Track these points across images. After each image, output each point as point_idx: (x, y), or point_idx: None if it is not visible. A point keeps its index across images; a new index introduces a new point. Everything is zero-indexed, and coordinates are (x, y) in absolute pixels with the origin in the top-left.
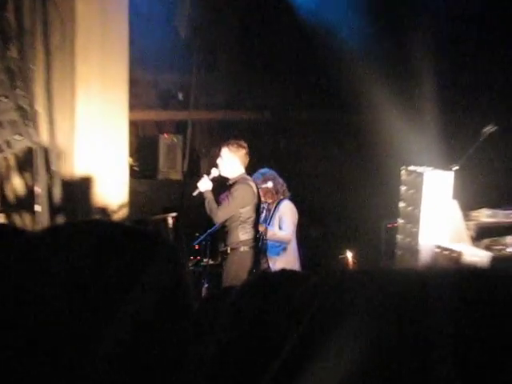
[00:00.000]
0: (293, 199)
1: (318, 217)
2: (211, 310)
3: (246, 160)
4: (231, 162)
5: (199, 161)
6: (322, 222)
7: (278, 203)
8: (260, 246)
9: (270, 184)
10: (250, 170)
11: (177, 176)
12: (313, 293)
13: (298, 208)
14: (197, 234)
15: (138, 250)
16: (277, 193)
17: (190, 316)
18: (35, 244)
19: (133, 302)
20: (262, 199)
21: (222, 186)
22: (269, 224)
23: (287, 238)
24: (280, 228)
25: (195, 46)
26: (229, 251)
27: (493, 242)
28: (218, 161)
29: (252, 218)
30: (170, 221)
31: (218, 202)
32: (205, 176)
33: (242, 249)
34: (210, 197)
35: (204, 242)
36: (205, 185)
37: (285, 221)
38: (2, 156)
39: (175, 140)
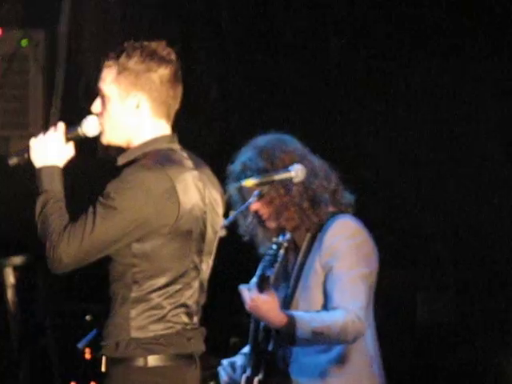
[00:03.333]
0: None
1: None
2: None
3: (174, 105)
4: (118, 108)
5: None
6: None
7: (321, 228)
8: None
9: (291, 172)
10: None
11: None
12: None
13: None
14: (87, 318)
15: None
16: (316, 200)
17: None
18: None
19: None
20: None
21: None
22: (290, 289)
23: (354, 329)
24: (327, 299)
25: None
26: (103, 367)
27: None
28: (95, 104)
29: (184, 275)
30: (11, 278)
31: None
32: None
33: (136, 362)
34: (55, 186)
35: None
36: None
37: (343, 277)
38: None
39: (24, 44)
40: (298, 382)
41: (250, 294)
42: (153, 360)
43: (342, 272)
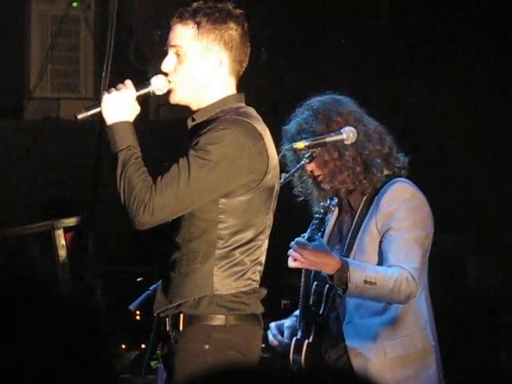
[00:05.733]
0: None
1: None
2: None
3: (245, 64)
4: (200, 65)
5: (145, 64)
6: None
7: (377, 192)
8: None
9: (343, 135)
10: None
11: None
12: None
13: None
14: (138, 279)
15: None
16: (369, 164)
17: None
18: None
19: None
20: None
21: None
22: (345, 251)
23: (408, 287)
24: (383, 260)
25: None
26: (181, 325)
27: None
28: (167, 62)
29: (263, 232)
30: (62, 239)
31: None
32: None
33: (217, 321)
34: (133, 141)
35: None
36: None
37: (399, 238)
38: None
39: (75, 6)
40: (350, 345)
41: (299, 245)
42: (232, 319)
43: (399, 234)
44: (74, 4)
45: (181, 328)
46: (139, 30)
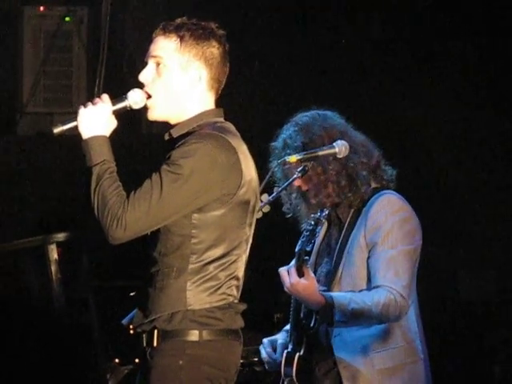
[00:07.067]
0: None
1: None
2: None
3: (223, 82)
4: (179, 78)
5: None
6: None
7: (365, 204)
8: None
9: (335, 148)
10: None
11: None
12: None
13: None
14: (131, 294)
15: None
16: (354, 177)
17: None
18: None
19: None
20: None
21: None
22: (333, 264)
23: (397, 308)
24: (371, 277)
25: None
26: (155, 341)
27: None
28: (145, 72)
29: (238, 246)
30: (54, 254)
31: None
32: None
33: (191, 336)
34: (108, 156)
35: None
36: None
37: (387, 255)
38: None
39: (68, 20)
40: (340, 358)
41: (289, 278)
42: (207, 334)
43: (386, 250)
44: (67, 18)
45: (155, 344)
46: (132, 43)
